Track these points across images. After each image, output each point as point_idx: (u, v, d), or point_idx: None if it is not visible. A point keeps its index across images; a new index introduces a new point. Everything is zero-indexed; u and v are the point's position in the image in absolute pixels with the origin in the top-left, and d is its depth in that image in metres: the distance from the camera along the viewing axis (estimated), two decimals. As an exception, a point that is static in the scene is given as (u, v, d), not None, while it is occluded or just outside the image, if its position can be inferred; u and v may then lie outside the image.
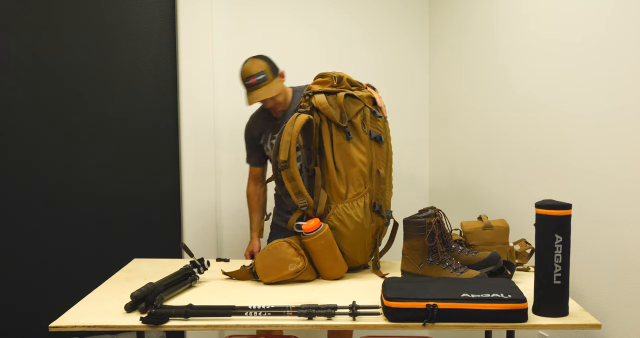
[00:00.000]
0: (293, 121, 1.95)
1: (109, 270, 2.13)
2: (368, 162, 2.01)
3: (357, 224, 1.97)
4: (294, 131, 1.92)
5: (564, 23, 1.92)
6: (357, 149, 2.00)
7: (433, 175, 3.17)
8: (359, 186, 1.99)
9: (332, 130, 1.99)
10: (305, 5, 3.00)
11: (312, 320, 1.53)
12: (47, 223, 2.73)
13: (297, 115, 1.97)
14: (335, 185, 1.98)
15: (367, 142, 2.01)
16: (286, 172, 1.93)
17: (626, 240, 1.63)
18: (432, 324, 1.48)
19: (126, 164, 2.82)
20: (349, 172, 1.98)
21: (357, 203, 1.98)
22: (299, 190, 1.95)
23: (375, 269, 2.04)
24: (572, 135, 1.88)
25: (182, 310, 1.54)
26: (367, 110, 2.03)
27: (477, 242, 1.96)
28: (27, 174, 2.69)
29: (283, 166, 1.92)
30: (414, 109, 3.17)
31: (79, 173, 2.75)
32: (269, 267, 1.86)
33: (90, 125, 2.76)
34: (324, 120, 2.00)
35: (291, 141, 1.91)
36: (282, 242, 1.90)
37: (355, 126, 2.00)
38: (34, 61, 2.66)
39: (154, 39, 2.85)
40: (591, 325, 1.50)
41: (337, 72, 2.06)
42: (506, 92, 2.34)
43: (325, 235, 1.90)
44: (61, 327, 1.50)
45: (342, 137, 1.99)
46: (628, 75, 1.62)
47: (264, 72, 2.28)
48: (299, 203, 1.97)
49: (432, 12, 3.11)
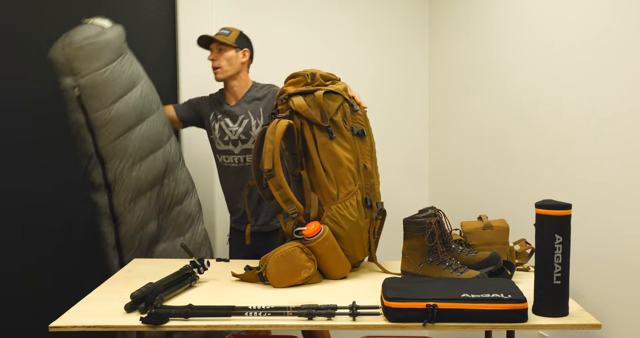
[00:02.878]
0: (274, 128, 1.91)
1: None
2: (354, 159, 2.00)
3: (352, 223, 1.96)
4: (276, 138, 1.89)
5: (563, 25, 1.92)
6: (341, 147, 1.98)
7: (433, 175, 3.17)
8: (349, 184, 1.98)
9: (315, 132, 1.97)
10: (305, 5, 3.00)
11: (312, 321, 1.53)
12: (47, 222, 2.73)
13: (277, 121, 1.94)
14: (326, 186, 1.97)
15: (350, 139, 2.00)
16: (272, 181, 1.91)
17: (626, 240, 1.63)
18: (432, 324, 1.48)
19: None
20: (337, 171, 1.97)
21: (350, 203, 1.97)
22: (288, 197, 1.92)
23: (371, 261, 2.05)
24: (572, 135, 1.88)
25: (182, 310, 1.54)
26: (346, 105, 2.02)
27: (477, 242, 1.96)
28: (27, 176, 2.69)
29: (269, 175, 1.90)
30: (414, 109, 3.17)
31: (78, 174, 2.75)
32: (284, 273, 1.83)
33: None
34: (305, 123, 1.97)
35: (274, 149, 1.89)
36: (295, 248, 1.86)
37: (337, 124, 1.98)
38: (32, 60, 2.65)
39: (154, 39, 2.84)
40: (591, 325, 1.50)
41: (309, 69, 2.04)
42: (506, 92, 2.34)
43: (328, 237, 1.90)
44: (61, 327, 1.50)
45: (325, 137, 1.97)
46: (627, 76, 1.62)
47: (231, 32, 2.43)
48: (288, 210, 1.94)
49: (432, 12, 3.11)
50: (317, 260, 1.89)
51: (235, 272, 1.93)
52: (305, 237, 1.88)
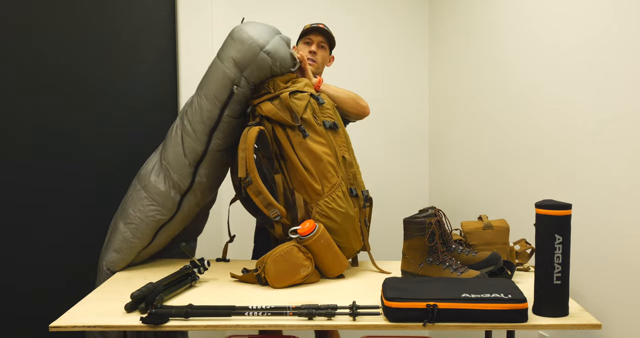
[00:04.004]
0: (245, 137, 1.93)
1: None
2: (332, 152, 2.02)
3: (343, 215, 1.97)
4: (248, 146, 1.91)
5: (565, 25, 1.92)
6: (317, 143, 2.00)
7: (433, 175, 3.17)
8: (332, 177, 1.99)
9: (288, 133, 1.99)
10: (305, 6, 3.00)
11: (312, 320, 1.53)
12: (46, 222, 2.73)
13: (247, 129, 1.96)
14: (310, 183, 1.98)
15: (324, 133, 2.02)
16: (251, 188, 1.92)
17: (626, 240, 1.63)
18: (432, 324, 1.48)
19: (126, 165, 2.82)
20: (317, 167, 1.98)
21: (337, 195, 1.98)
22: (268, 201, 1.93)
23: (364, 250, 2.07)
24: (572, 135, 1.88)
25: (182, 310, 1.54)
26: (312, 101, 2.04)
27: (477, 242, 1.96)
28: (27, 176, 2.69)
29: (246, 182, 1.92)
30: (414, 109, 3.17)
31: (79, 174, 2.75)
32: (283, 272, 1.84)
33: (90, 126, 2.76)
34: (277, 126, 2.00)
35: (247, 156, 1.91)
36: (293, 247, 1.87)
37: (308, 121, 2.00)
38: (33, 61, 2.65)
39: (154, 39, 2.84)
40: (591, 325, 1.50)
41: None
42: (506, 92, 2.34)
43: (323, 234, 1.90)
44: (61, 327, 1.50)
45: (299, 136, 1.98)
46: (627, 76, 1.62)
47: (331, 34, 2.39)
48: (270, 214, 1.94)
49: (432, 13, 3.11)
50: (314, 258, 1.89)
51: (234, 273, 1.93)
52: (301, 235, 1.88)
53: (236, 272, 1.94)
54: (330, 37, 2.38)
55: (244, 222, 2.48)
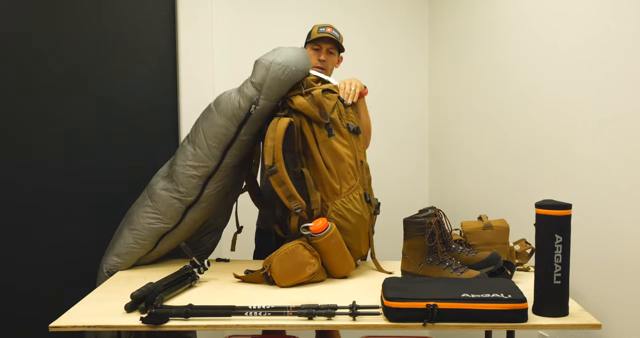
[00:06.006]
0: (275, 126, 1.92)
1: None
2: (353, 155, 2.03)
3: (358, 217, 1.98)
4: (277, 135, 1.90)
5: (565, 25, 1.92)
6: (340, 143, 2.01)
7: (433, 175, 3.17)
8: (351, 179, 2.00)
9: (314, 129, 2.00)
10: (305, 5, 3.00)
11: (312, 320, 1.53)
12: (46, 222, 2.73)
13: (277, 119, 1.95)
14: (329, 182, 1.98)
15: (347, 136, 2.04)
16: (275, 177, 1.91)
17: (626, 240, 1.63)
18: (432, 324, 1.48)
19: (127, 165, 2.82)
20: (338, 167, 1.99)
21: (353, 196, 1.99)
22: (291, 193, 1.93)
23: (372, 258, 2.07)
24: (572, 135, 1.88)
25: (182, 310, 1.54)
26: (340, 103, 2.05)
27: (477, 242, 1.96)
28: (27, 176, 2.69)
29: (271, 171, 1.91)
30: (414, 109, 3.17)
31: (79, 173, 2.75)
32: (288, 271, 1.83)
33: (90, 126, 2.76)
34: (304, 121, 2.00)
35: (275, 145, 1.90)
36: (298, 245, 1.87)
37: (335, 121, 2.01)
38: (33, 61, 2.65)
39: (154, 39, 2.85)
40: (591, 325, 1.50)
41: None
42: (506, 92, 2.34)
43: (334, 234, 1.90)
44: (61, 327, 1.50)
45: (325, 134, 1.99)
46: (627, 76, 1.62)
47: (340, 36, 2.39)
48: (292, 206, 1.94)
49: (432, 13, 3.11)
50: (321, 256, 1.89)
51: (236, 274, 1.93)
52: (312, 233, 1.88)
53: (236, 272, 1.94)
54: (338, 43, 2.39)
55: (243, 222, 2.48)
